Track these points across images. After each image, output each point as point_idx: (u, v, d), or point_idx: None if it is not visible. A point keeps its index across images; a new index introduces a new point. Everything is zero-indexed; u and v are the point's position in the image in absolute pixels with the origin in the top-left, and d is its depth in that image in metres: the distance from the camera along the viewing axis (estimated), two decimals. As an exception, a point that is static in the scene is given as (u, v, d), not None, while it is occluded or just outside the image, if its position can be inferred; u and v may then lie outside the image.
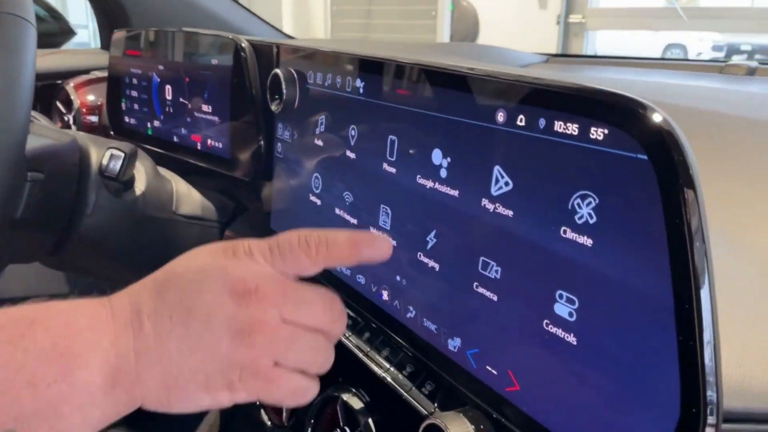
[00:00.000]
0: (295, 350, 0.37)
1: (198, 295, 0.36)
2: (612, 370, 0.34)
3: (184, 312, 0.36)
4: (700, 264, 0.30)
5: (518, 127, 0.39)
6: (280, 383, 0.37)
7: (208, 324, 0.36)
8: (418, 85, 0.48)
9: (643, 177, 0.31)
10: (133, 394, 0.36)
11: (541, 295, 0.38)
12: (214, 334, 0.36)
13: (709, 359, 0.30)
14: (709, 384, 0.30)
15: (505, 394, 0.41)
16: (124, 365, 0.36)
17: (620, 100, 0.33)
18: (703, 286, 0.30)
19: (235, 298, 0.36)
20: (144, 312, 0.36)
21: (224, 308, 0.36)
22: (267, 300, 0.37)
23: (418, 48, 1.09)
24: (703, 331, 0.30)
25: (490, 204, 0.41)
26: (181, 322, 0.36)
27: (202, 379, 0.36)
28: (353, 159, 0.56)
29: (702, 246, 0.30)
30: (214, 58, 0.76)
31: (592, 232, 0.35)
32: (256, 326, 0.36)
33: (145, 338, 0.36)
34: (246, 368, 0.36)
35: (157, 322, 0.36)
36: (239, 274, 0.37)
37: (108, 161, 0.67)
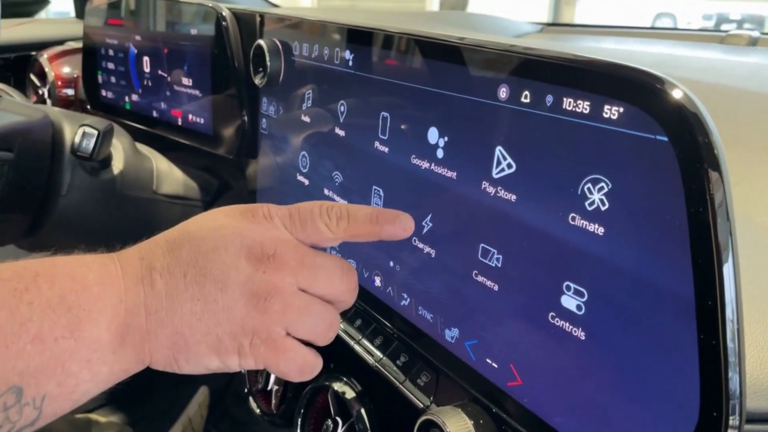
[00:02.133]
0: (308, 320, 0.36)
1: (214, 254, 0.35)
2: (625, 367, 0.32)
3: (200, 271, 0.34)
4: (725, 255, 0.27)
5: (523, 104, 0.36)
6: (288, 355, 0.36)
7: (223, 285, 0.34)
8: (413, 58, 0.44)
9: (663, 159, 0.29)
10: (142, 352, 0.35)
11: (546, 286, 0.35)
12: (229, 296, 0.34)
13: (733, 356, 0.27)
14: (731, 383, 0.27)
15: (507, 389, 0.39)
16: (134, 322, 0.34)
17: (638, 75, 0.30)
18: (727, 278, 0.27)
19: (252, 262, 0.35)
20: (156, 269, 0.34)
21: (241, 271, 0.35)
22: (284, 266, 0.35)
23: (409, 17, 1.04)
24: (726, 326, 0.27)
25: (490, 187, 0.38)
26: (196, 281, 0.34)
27: (213, 341, 0.34)
28: (343, 137, 0.53)
29: (727, 238, 0.27)
30: (193, 28, 0.72)
31: (603, 220, 0.32)
32: (272, 292, 0.35)
33: (157, 295, 0.34)
34: (258, 334, 0.35)
35: (170, 279, 0.34)
36: (258, 237, 0.36)
37: (81, 139, 0.63)
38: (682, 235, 0.28)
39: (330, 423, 0.53)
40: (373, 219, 0.38)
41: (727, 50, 0.86)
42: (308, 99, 0.57)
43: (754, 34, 0.91)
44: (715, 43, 0.91)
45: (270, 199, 0.66)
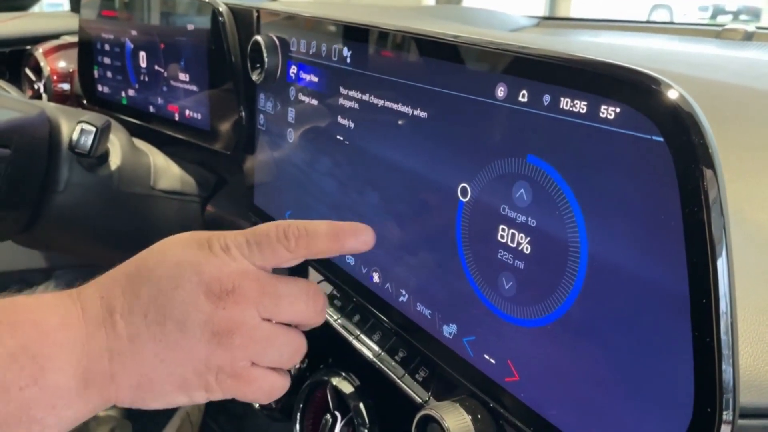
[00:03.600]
0: (272, 350, 0.36)
1: (173, 293, 0.35)
2: (619, 363, 0.32)
3: (160, 311, 0.34)
4: (719, 248, 0.27)
5: (520, 104, 0.36)
6: (255, 384, 0.36)
7: (184, 326, 0.34)
8: (410, 56, 0.45)
9: (658, 159, 0.29)
10: (107, 393, 0.35)
11: (544, 286, 0.36)
12: (191, 336, 0.34)
13: (727, 348, 0.28)
14: (725, 375, 0.28)
15: (504, 384, 0.39)
16: (96, 366, 0.34)
17: (634, 76, 0.30)
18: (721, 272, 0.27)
19: (211, 299, 0.35)
20: (117, 310, 0.35)
21: (200, 310, 0.35)
22: (245, 299, 0.35)
23: (405, 11, 1.04)
24: (720, 318, 0.28)
25: (488, 186, 0.39)
26: (156, 321, 0.34)
27: (178, 381, 0.35)
28: (340, 134, 0.53)
29: (721, 233, 0.27)
30: (190, 23, 0.72)
31: (596, 216, 0.32)
32: (233, 328, 0.35)
33: (119, 338, 0.34)
34: (223, 370, 0.35)
35: (130, 321, 0.34)
36: (215, 272, 0.35)
37: (79, 136, 0.63)
38: (677, 231, 0.28)
39: (329, 417, 0.53)
40: (332, 235, 0.38)
41: (723, 45, 0.87)
42: (306, 95, 0.57)
43: (749, 28, 0.91)
44: (710, 37, 0.92)
45: (268, 194, 0.67)
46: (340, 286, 0.56)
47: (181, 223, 0.78)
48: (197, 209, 0.80)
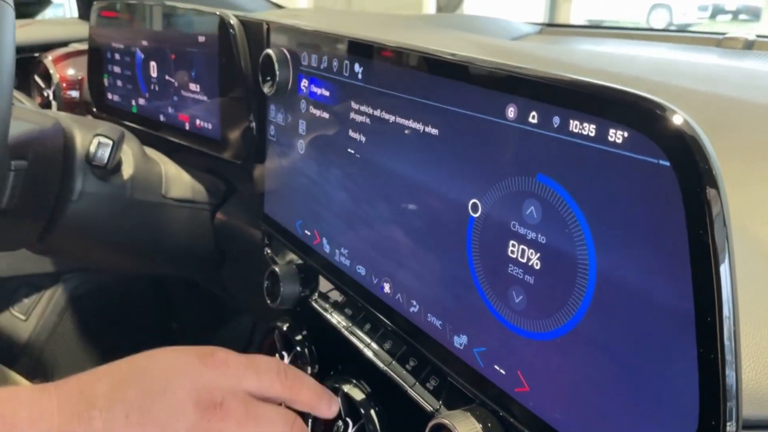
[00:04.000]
0: None
1: (162, 396, 0.35)
2: (626, 377, 0.33)
3: (143, 413, 0.34)
4: (724, 271, 0.29)
5: (530, 124, 0.37)
6: None
7: (165, 431, 0.35)
8: (421, 74, 0.46)
9: (665, 182, 0.30)
10: None
11: (551, 299, 0.37)
12: None
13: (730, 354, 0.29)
14: (728, 380, 0.29)
15: (514, 395, 0.41)
16: None
17: (641, 103, 0.31)
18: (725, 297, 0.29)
19: (199, 409, 0.36)
20: (96, 406, 0.34)
21: (186, 417, 0.35)
22: (230, 417, 0.37)
23: (410, 21, 1.06)
24: (723, 323, 0.29)
25: (498, 203, 0.40)
26: (139, 422, 0.34)
27: None
28: (351, 147, 0.54)
29: (725, 258, 0.29)
30: (201, 35, 0.73)
31: (605, 235, 0.34)
32: None
33: (94, 429, 0.34)
34: None
35: (109, 419, 0.34)
36: (209, 383, 0.37)
37: (96, 149, 0.65)
38: (683, 250, 0.30)
39: (341, 423, 0.54)
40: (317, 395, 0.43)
41: (724, 54, 0.88)
42: (317, 108, 0.59)
43: (749, 37, 0.92)
44: (711, 46, 0.93)
45: (278, 204, 0.68)
46: (350, 295, 0.57)
47: (191, 230, 0.79)
48: (207, 217, 0.81)
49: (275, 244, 0.71)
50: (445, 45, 0.87)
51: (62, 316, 1.21)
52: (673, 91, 0.61)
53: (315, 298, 0.62)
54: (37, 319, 1.19)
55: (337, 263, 0.58)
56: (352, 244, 0.56)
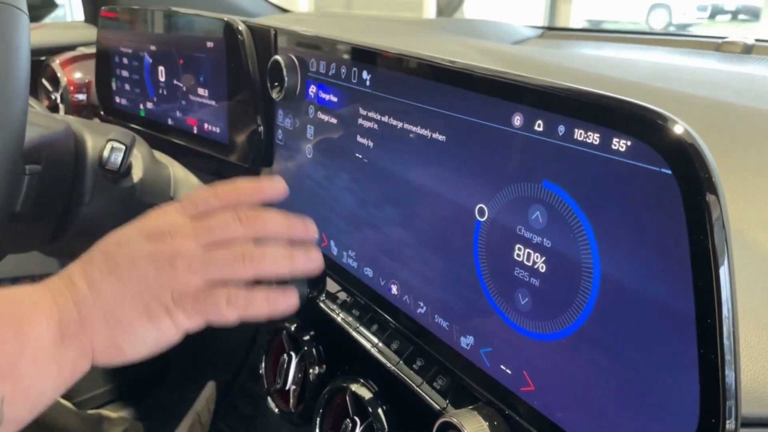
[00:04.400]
0: (217, 263, 0.42)
1: (119, 248, 0.42)
2: (629, 376, 0.35)
3: (112, 262, 0.41)
4: (724, 274, 0.30)
5: (536, 132, 0.39)
6: (210, 298, 0.41)
7: (132, 263, 0.41)
8: (429, 82, 0.47)
9: (667, 190, 0.31)
10: (83, 344, 0.40)
11: (557, 301, 0.38)
12: (140, 269, 0.41)
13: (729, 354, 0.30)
14: (728, 379, 0.30)
15: (520, 394, 0.42)
16: (68, 317, 0.39)
17: (644, 113, 0.33)
18: (724, 300, 0.30)
19: (152, 239, 0.42)
20: (75, 275, 0.41)
21: (143, 247, 0.41)
22: (180, 236, 0.42)
23: (413, 26, 1.07)
24: (723, 323, 0.30)
25: (504, 208, 0.41)
26: (109, 270, 0.41)
27: (140, 309, 0.40)
28: (359, 152, 0.55)
29: (725, 262, 0.30)
30: (209, 41, 0.74)
31: (608, 239, 0.35)
32: (174, 255, 0.41)
33: (81, 292, 0.40)
34: (176, 289, 0.41)
35: (88, 277, 0.41)
36: (153, 223, 0.43)
37: (109, 154, 0.66)
38: (684, 254, 0.31)
39: (349, 422, 0.56)
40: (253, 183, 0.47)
41: (723, 58, 0.89)
42: (325, 114, 0.60)
43: (748, 41, 0.94)
44: (710, 50, 0.94)
45: (286, 205, 0.69)
46: (358, 296, 0.58)
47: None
48: (215, 219, 0.82)
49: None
50: (447, 50, 0.88)
51: (68, 316, 1.22)
52: (673, 97, 0.62)
53: (322, 299, 0.63)
54: (43, 320, 1.20)
55: (344, 265, 0.60)
56: (359, 246, 0.57)
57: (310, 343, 0.63)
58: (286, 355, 0.65)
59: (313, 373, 0.62)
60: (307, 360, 0.63)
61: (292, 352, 0.65)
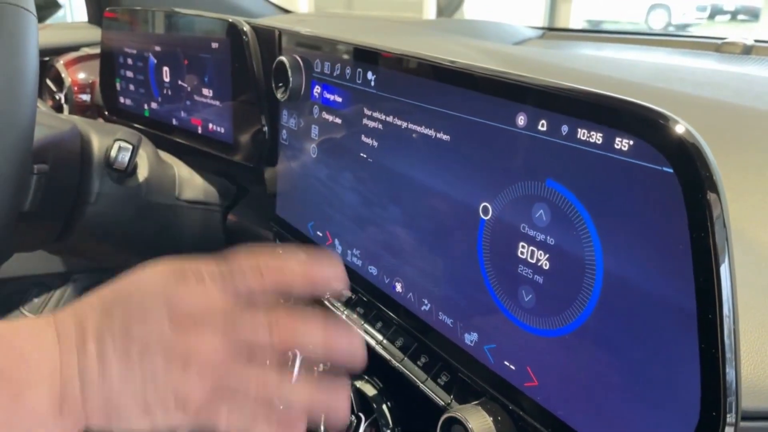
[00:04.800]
0: (232, 377, 0.37)
1: (141, 320, 0.37)
2: (632, 372, 0.35)
3: (127, 335, 0.37)
4: (723, 264, 0.31)
5: (539, 132, 0.39)
6: (212, 410, 0.37)
7: (147, 350, 0.37)
8: (433, 83, 0.48)
9: (668, 188, 0.32)
10: (79, 419, 0.37)
11: (560, 298, 0.39)
12: (152, 360, 0.36)
13: (730, 352, 0.31)
14: (728, 377, 0.31)
15: (524, 389, 0.43)
16: (70, 391, 0.36)
17: (646, 113, 0.33)
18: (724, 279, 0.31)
19: (175, 326, 0.37)
20: (89, 332, 0.37)
21: (163, 336, 0.37)
22: (205, 327, 0.37)
23: (415, 26, 1.08)
24: (724, 322, 0.31)
25: (508, 207, 0.42)
26: (122, 347, 0.37)
27: (141, 403, 0.37)
28: (364, 151, 0.56)
29: (725, 259, 0.31)
30: (214, 41, 0.75)
31: (611, 237, 0.36)
32: (189, 353, 0.37)
33: (89, 360, 0.36)
34: (179, 395, 0.37)
35: (101, 342, 0.37)
36: (184, 301, 0.38)
37: (117, 153, 0.67)
38: (685, 251, 0.32)
39: (354, 418, 0.56)
40: (304, 266, 0.40)
41: (722, 59, 0.90)
42: (329, 114, 0.61)
43: (748, 42, 0.94)
44: (710, 50, 0.95)
45: (290, 205, 0.70)
46: (362, 294, 0.59)
47: (203, 231, 0.81)
48: (219, 218, 0.83)
49: (286, 245, 0.73)
50: (448, 50, 0.89)
51: (72, 315, 1.22)
52: (673, 97, 0.63)
53: (326, 297, 0.64)
54: (47, 319, 1.20)
55: (349, 263, 0.60)
56: (363, 245, 0.58)
57: (314, 340, 0.64)
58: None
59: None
60: (311, 357, 0.63)
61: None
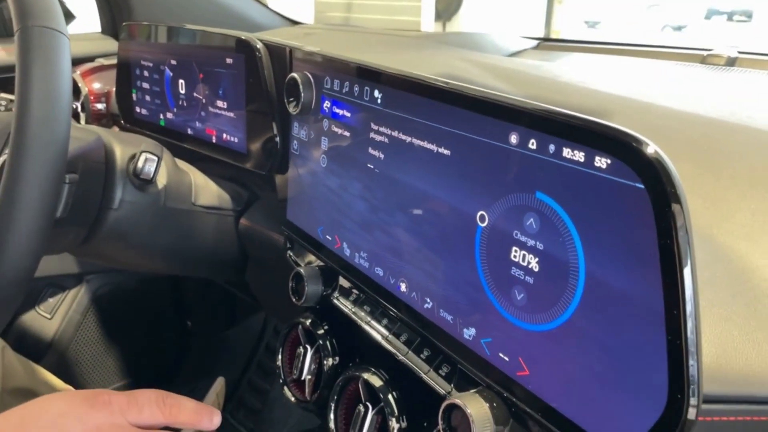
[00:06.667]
0: None
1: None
2: (610, 361, 0.40)
3: None
4: (687, 274, 0.36)
5: (530, 150, 0.44)
6: None
7: None
8: (435, 102, 0.53)
9: (640, 202, 0.37)
10: None
11: (548, 297, 0.44)
12: None
13: (693, 346, 0.36)
14: (692, 369, 0.36)
15: (516, 378, 0.48)
16: None
17: (620, 135, 0.38)
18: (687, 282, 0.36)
19: None
20: None
21: None
22: None
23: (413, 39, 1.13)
24: (687, 328, 0.36)
25: (502, 215, 0.47)
26: None
27: None
28: (370, 162, 0.61)
29: (687, 262, 0.36)
30: (228, 57, 0.80)
31: (592, 243, 0.41)
32: None
33: None
34: None
35: None
36: (95, 423, 0.43)
37: (143, 164, 0.72)
38: (655, 259, 0.37)
39: (362, 407, 0.61)
40: (197, 412, 0.49)
41: (707, 71, 0.95)
42: (338, 127, 0.66)
43: (732, 54, 1.00)
44: (696, 62, 1.00)
45: (300, 212, 0.75)
46: (369, 293, 0.64)
47: (218, 235, 0.86)
48: (232, 222, 0.88)
49: (297, 248, 0.78)
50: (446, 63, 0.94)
51: (85, 314, 1.28)
52: (659, 112, 0.68)
53: (336, 296, 0.69)
54: (61, 318, 1.26)
55: (356, 265, 0.65)
56: (370, 248, 0.63)
57: (324, 336, 0.69)
58: (302, 347, 0.71)
59: (327, 364, 0.68)
60: (322, 352, 0.68)
61: (308, 345, 0.70)
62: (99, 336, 1.30)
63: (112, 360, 1.32)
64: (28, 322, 1.25)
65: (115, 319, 1.31)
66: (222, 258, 0.88)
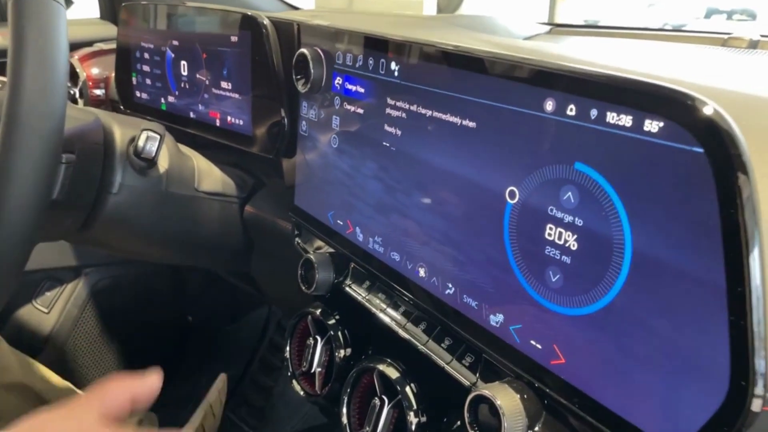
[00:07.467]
0: None
1: None
2: (660, 346, 0.37)
3: None
4: (752, 244, 0.32)
5: (568, 117, 0.41)
6: None
7: None
8: (460, 71, 0.49)
9: (699, 168, 0.33)
10: None
11: (588, 277, 0.40)
12: None
13: (759, 332, 0.32)
14: (758, 356, 0.32)
15: (550, 367, 0.44)
16: None
17: (675, 95, 0.35)
18: (754, 267, 0.32)
19: None
20: None
21: None
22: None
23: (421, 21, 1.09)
24: (753, 308, 0.32)
25: (536, 190, 0.43)
26: None
27: None
28: (387, 140, 0.57)
29: (753, 230, 0.32)
30: (233, 35, 0.76)
31: (640, 216, 0.37)
32: None
33: None
34: None
35: None
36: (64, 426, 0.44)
37: (144, 143, 0.68)
38: (715, 231, 0.33)
39: (377, 401, 0.58)
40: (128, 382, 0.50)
41: (730, 53, 0.91)
42: (351, 104, 0.62)
43: (754, 37, 0.96)
44: (717, 45, 0.96)
45: (309, 196, 0.71)
46: (384, 280, 0.60)
47: (222, 221, 0.82)
48: (236, 209, 0.84)
49: (305, 234, 0.74)
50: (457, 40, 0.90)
51: (83, 309, 1.24)
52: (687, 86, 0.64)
53: (348, 283, 0.65)
54: (59, 312, 1.22)
55: (370, 251, 0.62)
56: (385, 232, 0.59)
57: (335, 326, 0.65)
58: (312, 339, 0.67)
59: (338, 355, 0.64)
60: (333, 343, 0.65)
61: (318, 335, 0.66)
62: (97, 331, 1.26)
63: (111, 356, 1.28)
64: (25, 317, 1.21)
65: (114, 314, 1.27)
66: (225, 247, 0.84)
